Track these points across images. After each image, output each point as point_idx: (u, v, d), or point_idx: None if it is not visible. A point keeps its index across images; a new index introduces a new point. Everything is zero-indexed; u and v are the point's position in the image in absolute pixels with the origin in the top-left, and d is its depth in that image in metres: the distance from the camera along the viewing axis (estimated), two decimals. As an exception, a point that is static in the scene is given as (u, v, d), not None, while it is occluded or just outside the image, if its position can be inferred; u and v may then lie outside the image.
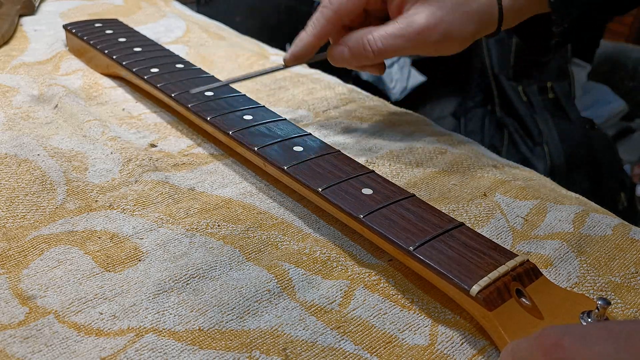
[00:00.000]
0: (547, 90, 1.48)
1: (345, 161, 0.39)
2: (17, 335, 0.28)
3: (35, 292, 0.31)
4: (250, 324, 0.30)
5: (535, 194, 0.43)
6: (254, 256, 0.35)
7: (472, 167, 0.47)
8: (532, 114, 1.43)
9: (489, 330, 0.29)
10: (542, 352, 0.22)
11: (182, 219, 0.38)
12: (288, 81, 0.61)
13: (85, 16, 0.75)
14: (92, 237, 0.35)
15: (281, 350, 0.28)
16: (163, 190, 0.40)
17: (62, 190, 0.39)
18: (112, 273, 0.32)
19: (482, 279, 0.29)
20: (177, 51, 0.59)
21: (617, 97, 1.72)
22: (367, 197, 0.35)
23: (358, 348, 0.29)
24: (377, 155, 0.48)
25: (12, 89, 0.53)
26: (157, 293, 0.31)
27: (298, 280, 0.33)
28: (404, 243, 0.31)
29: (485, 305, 0.28)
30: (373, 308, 0.32)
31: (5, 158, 0.42)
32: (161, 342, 0.28)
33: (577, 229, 0.39)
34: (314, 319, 0.30)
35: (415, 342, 0.30)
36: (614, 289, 0.34)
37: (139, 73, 0.50)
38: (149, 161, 0.43)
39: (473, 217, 0.40)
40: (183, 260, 0.34)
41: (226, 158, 0.46)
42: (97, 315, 0.29)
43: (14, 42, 0.65)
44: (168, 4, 0.85)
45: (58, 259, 0.33)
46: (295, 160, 0.39)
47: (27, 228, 0.35)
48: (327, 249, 0.36)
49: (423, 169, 0.46)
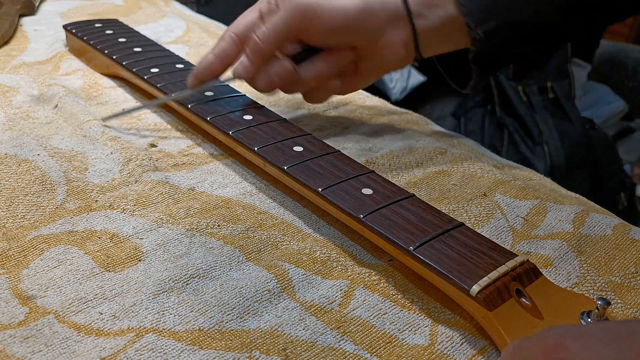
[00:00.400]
0: (547, 90, 1.48)
1: (345, 161, 0.39)
2: (17, 335, 0.28)
3: (35, 292, 0.31)
4: (250, 324, 0.30)
5: (535, 194, 0.43)
6: (254, 256, 0.35)
7: (472, 167, 0.47)
8: (532, 114, 1.43)
9: (488, 331, 0.29)
10: (543, 353, 0.22)
11: (182, 219, 0.38)
12: (288, 81, 0.61)
13: (85, 16, 0.75)
14: (92, 237, 0.35)
15: (281, 350, 0.28)
16: (163, 190, 0.40)
17: (62, 190, 0.39)
18: (112, 273, 0.32)
19: (482, 279, 0.29)
20: (177, 51, 0.59)
21: (617, 97, 1.72)
22: (367, 197, 0.35)
23: (358, 348, 0.29)
24: (377, 155, 0.48)
25: (12, 89, 0.53)
26: (157, 293, 0.31)
27: (298, 280, 0.33)
28: (404, 243, 0.31)
29: (485, 305, 0.28)
30: (373, 308, 0.32)
31: (5, 158, 0.42)
32: (161, 342, 0.28)
33: (577, 229, 0.39)
34: (314, 319, 0.30)
35: (415, 342, 0.30)
36: (614, 289, 0.34)
37: (139, 73, 0.51)
38: (149, 161, 0.43)
39: (473, 217, 0.40)
40: (183, 260, 0.34)
41: (226, 158, 0.46)
42: (97, 315, 0.29)
43: (14, 42, 0.65)
44: (168, 4, 0.86)
45: (58, 259, 0.33)
46: (295, 160, 0.39)
47: (27, 228, 0.35)
48: (327, 249, 0.36)
49: (423, 169, 0.46)
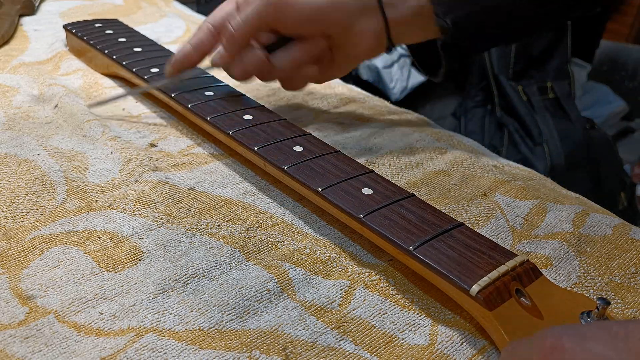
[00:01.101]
0: (547, 90, 1.48)
1: (345, 161, 0.39)
2: (17, 335, 0.28)
3: (35, 292, 0.31)
4: (250, 323, 0.30)
5: (535, 194, 0.43)
6: (254, 256, 0.35)
7: (472, 167, 0.47)
8: (532, 114, 1.43)
9: (488, 330, 0.29)
10: (541, 354, 0.22)
11: (182, 218, 0.38)
12: (288, 81, 0.61)
13: (85, 16, 0.75)
14: (92, 237, 0.35)
15: (281, 350, 0.28)
16: (163, 190, 0.40)
17: (62, 190, 0.39)
18: (112, 273, 0.32)
19: (481, 279, 0.29)
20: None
21: (617, 97, 1.72)
22: (367, 197, 0.35)
23: (358, 348, 0.29)
24: (377, 155, 0.48)
25: (12, 88, 0.53)
26: (157, 293, 0.31)
27: (298, 280, 0.33)
28: (404, 243, 0.31)
29: (485, 305, 0.28)
30: (373, 308, 0.32)
31: (5, 158, 0.42)
32: (161, 342, 0.28)
33: (577, 229, 0.39)
34: (314, 318, 0.30)
35: (415, 342, 0.30)
36: (614, 289, 0.34)
37: (139, 73, 0.51)
38: (149, 161, 0.43)
39: (473, 217, 0.40)
40: (183, 260, 0.34)
41: (226, 158, 0.46)
42: (97, 315, 0.29)
43: (14, 42, 0.65)
44: (168, 4, 0.86)
45: (58, 258, 0.33)
46: (295, 160, 0.39)
47: (27, 228, 0.35)
48: (327, 249, 0.36)
49: (423, 169, 0.46)
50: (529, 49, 1.49)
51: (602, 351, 0.20)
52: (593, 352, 0.20)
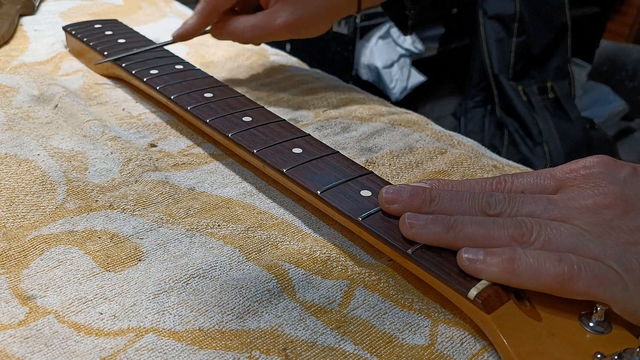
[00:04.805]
0: (547, 90, 1.48)
1: (344, 162, 0.39)
2: (17, 335, 0.28)
3: (35, 292, 0.31)
4: (250, 324, 0.30)
5: (534, 195, 0.43)
6: (254, 256, 0.35)
7: (472, 167, 0.47)
8: (532, 114, 1.43)
9: (487, 333, 0.29)
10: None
11: (182, 218, 0.38)
12: (288, 81, 0.61)
13: (85, 16, 0.75)
14: (92, 237, 0.35)
15: (281, 350, 0.28)
16: (163, 190, 0.40)
17: (62, 190, 0.39)
18: (112, 273, 0.32)
19: (480, 282, 0.29)
20: (177, 51, 0.59)
21: (617, 97, 1.72)
22: (366, 199, 0.35)
23: (358, 348, 0.29)
24: (377, 155, 0.48)
25: (12, 89, 0.53)
26: (157, 293, 0.31)
27: (298, 280, 0.33)
28: (402, 246, 0.31)
29: (483, 308, 0.28)
30: (373, 308, 0.32)
31: (5, 158, 0.42)
32: (161, 342, 0.28)
33: (576, 230, 0.39)
34: (314, 318, 0.31)
35: (415, 342, 0.30)
36: (613, 290, 0.34)
37: (138, 75, 0.50)
38: (149, 161, 0.43)
39: (473, 217, 0.40)
40: (183, 260, 0.34)
41: (226, 158, 0.46)
42: (97, 315, 0.29)
43: (14, 42, 0.65)
44: (168, 4, 0.86)
45: (58, 258, 0.33)
46: (294, 162, 0.39)
47: (27, 228, 0.35)
48: (327, 249, 0.36)
49: (423, 169, 0.46)
50: (529, 49, 1.49)
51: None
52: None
